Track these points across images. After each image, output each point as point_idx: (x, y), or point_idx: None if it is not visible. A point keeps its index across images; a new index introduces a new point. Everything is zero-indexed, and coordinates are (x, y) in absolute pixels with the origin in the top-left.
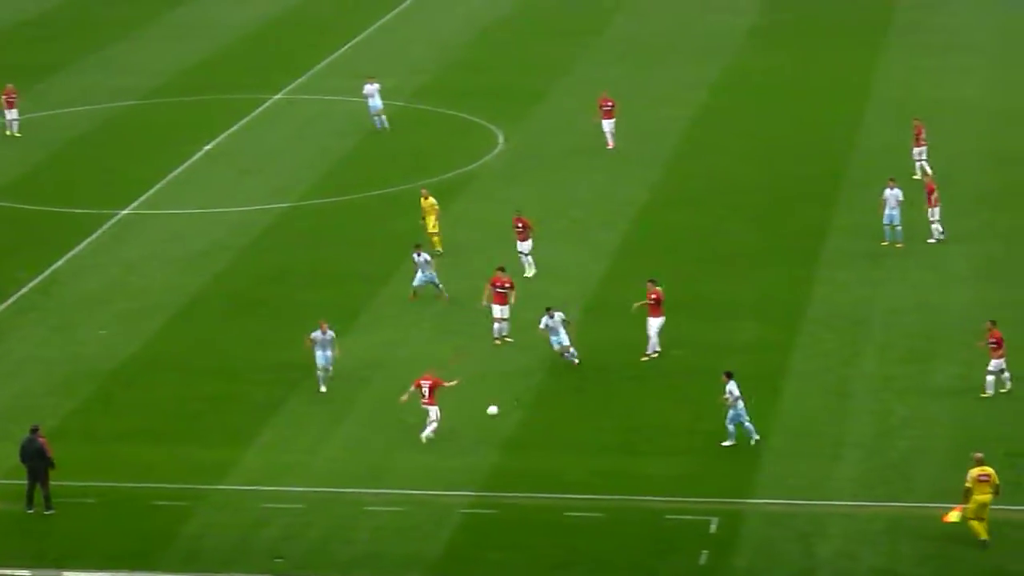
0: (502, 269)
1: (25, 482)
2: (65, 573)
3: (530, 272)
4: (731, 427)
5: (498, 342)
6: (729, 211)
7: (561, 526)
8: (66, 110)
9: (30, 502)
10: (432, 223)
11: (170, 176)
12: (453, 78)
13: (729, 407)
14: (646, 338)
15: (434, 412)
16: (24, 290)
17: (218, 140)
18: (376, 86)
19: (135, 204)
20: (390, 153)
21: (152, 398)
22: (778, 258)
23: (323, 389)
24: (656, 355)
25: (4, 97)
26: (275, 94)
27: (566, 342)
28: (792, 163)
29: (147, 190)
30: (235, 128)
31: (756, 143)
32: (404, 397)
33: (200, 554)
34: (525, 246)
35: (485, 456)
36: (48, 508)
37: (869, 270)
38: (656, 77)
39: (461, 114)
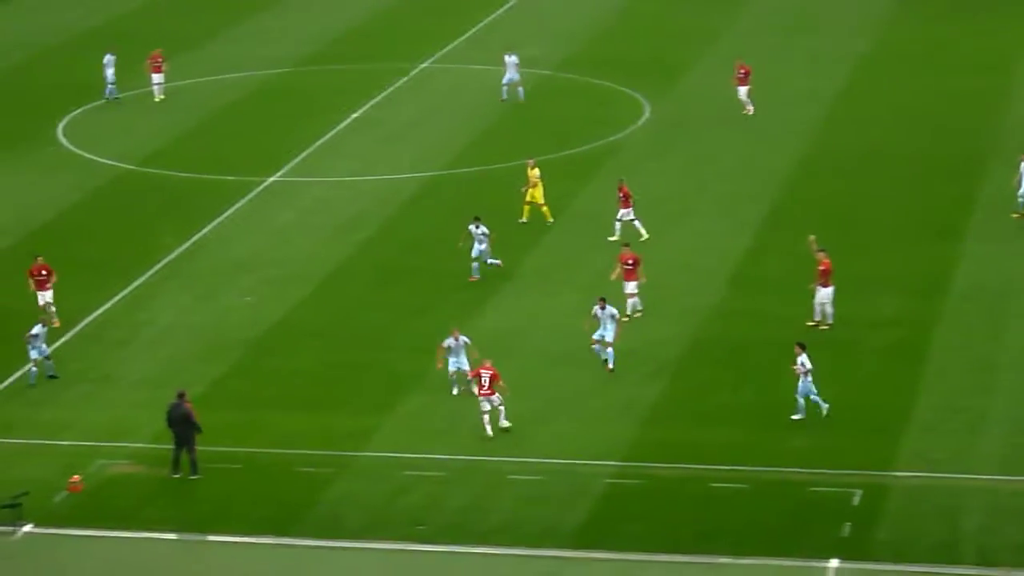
0: (627, 245)
1: (171, 447)
2: (209, 537)
3: (644, 236)
4: (800, 400)
5: (626, 319)
6: (874, 183)
7: (703, 497)
8: (215, 78)
9: (176, 467)
10: (537, 194)
11: (316, 144)
12: (599, 49)
13: (799, 379)
14: (811, 307)
15: (489, 403)
16: (171, 257)
17: (364, 109)
18: (515, 58)
19: (282, 172)
20: (535, 123)
21: (297, 366)
22: (923, 231)
23: (455, 392)
24: (828, 327)
25: (150, 61)
26: (421, 63)
27: (610, 338)
28: (939, 136)
29: (294, 158)
30: (381, 97)
31: (903, 115)
32: (455, 390)
33: (341, 521)
34: (627, 213)
35: (628, 426)
36: (194, 473)
37: (1015, 243)
38: (803, 48)
39: (607, 83)
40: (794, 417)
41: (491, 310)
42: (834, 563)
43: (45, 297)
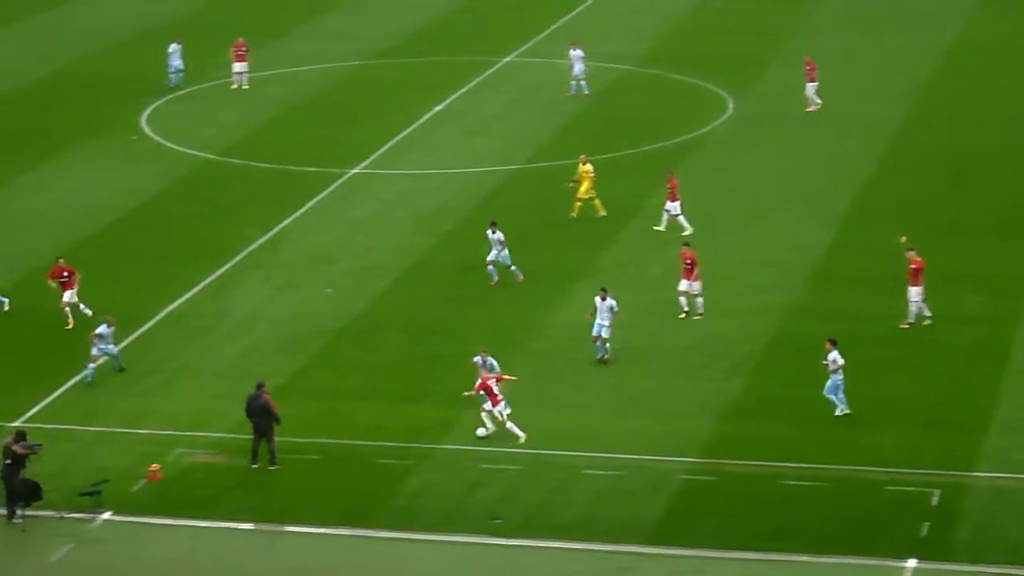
0: (687, 244)
1: (250, 437)
2: (287, 528)
3: (688, 230)
4: (831, 397)
5: (682, 316)
6: (956, 180)
7: (780, 495)
8: (298, 69)
9: (255, 457)
10: (587, 189)
11: (398, 137)
12: (682, 44)
13: (830, 375)
14: (905, 306)
15: (499, 410)
16: (252, 247)
17: (447, 102)
18: (580, 52)
19: (363, 164)
20: (616, 119)
21: (376, 358)
22: (1007, 228)
23: (482, 432)
24: (927, 322)
25: (234, 50)
26: (504, 57)
27: (606, 334)
28: (1022, 132)
29: (375, 150)
30: (463, 90)
31: (985, 112)
32: (468, 393)
33: (419, 513)
34: (674, 207)
35: (705, 422)
36: (273, 463)
37: None
38: (885, 44)
39: (690, 79)
40: (838, 413)
41: (567, 304)
42: (911, 563)
43: (70, 297)
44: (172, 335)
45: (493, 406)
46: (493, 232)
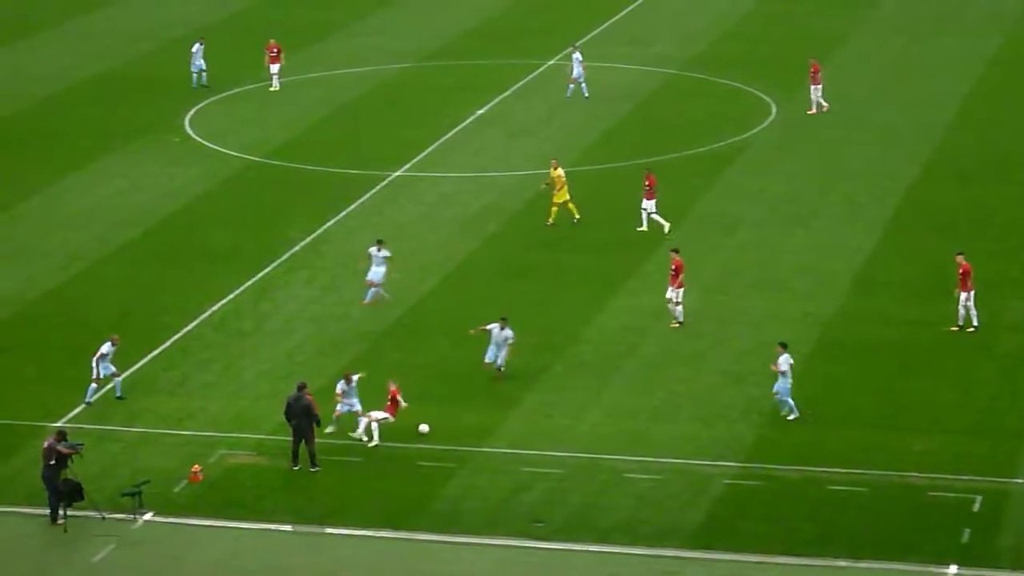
0: (676, 251)
1: (290, 439)
2: (327, 529)
3: (667, 227)
4: (787, 400)
5: (675, 325)
6: (1001, 187)
7: (822, 500)
8: (342, 71)
9: (295, 459)
10: (561, 193)
11: (442, 139)
12: (727, 47)
13: (780, 377)
14: (955, 311)
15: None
16: (295, 249)
17: (490, 105)
18: (580, 56)
19: (407, 166)
20: (660, 122)
21: (419, 360)
22: None
23: (328, 430)
24: (973, 329)
25: (267, 51)
26: (548, 60)
27: (500, 361)
28: None
29: (419, 153)
30: (508, 93)
31: None
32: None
33: (460, 516)
34: (650, 204)
35: (749, 427)
36: (314, 465)
37: None
38: (932, 50)
39: (735, 83)
40: (789, 417)
41: (613, 307)
42: (953, 569)
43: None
44: (215, 337)
45: (382, 414)
46: (379, 250)
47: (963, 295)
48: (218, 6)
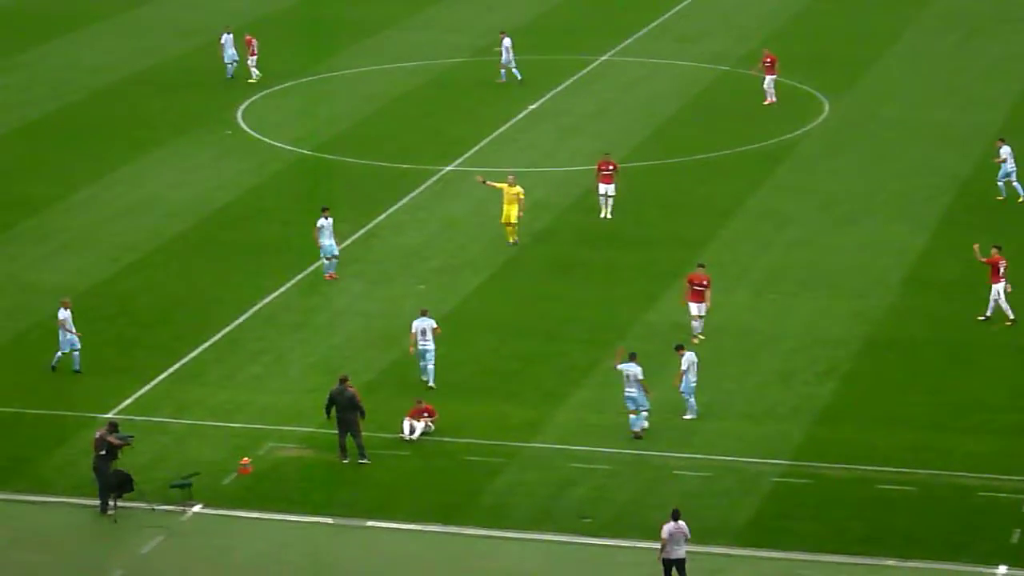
0: (702, 266)
1: (337, 432)
2: (375, 523)
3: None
4: (691, 399)
5: (696, 340)
6: None
7: (871, 499)
8: (394, 65)
9: (344, 452)
10: (512, 212)
11: (494, 135)
12: (780, 45)
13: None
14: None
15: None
16: (345, 243)
17: (542, 100)
18: (509, 41)
19: (458, 161)
20: (712, 118)
21: (467, 354)
22: None
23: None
24: (1011, 323)
25: (247, 44)
26: (601, 56)
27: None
28: None
29: (470, 148)
30: (560, 89)
31: None
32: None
33: (508, 511)
34: (610, 188)
35: (798, 425)
36: (362, 457)
37: None
38: (985, 48)
39: (788, 81)
40: (686, 416)
41: (663, 304)
42: (1002, 569)
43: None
44: (265, 330)
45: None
46: (326, 219)
47: (995, 287)
48: (272, 0)
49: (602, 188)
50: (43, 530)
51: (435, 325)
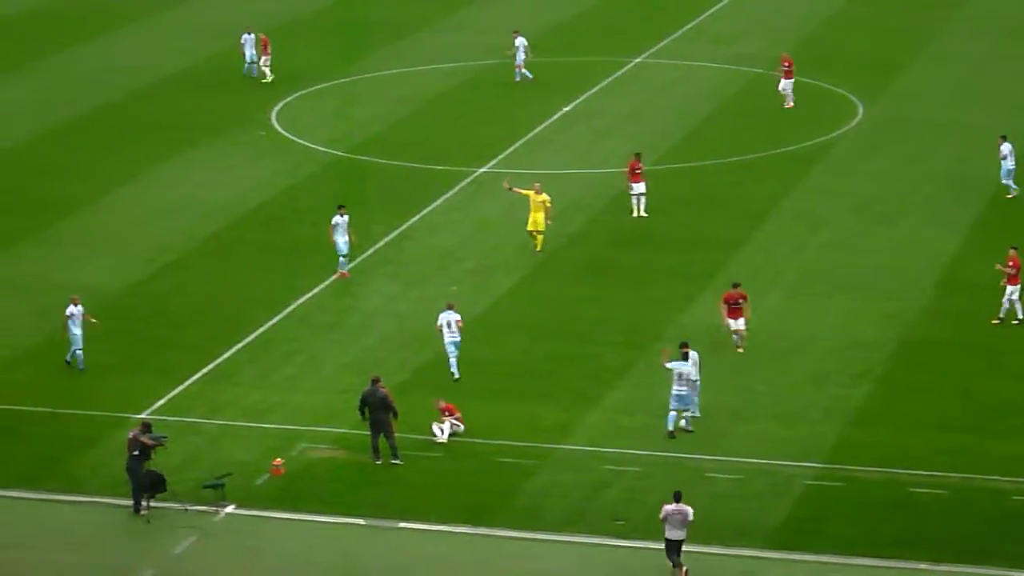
0: (736, 285)
1: (369, 433)
2: (407, 524)
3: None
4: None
5: (740, 350)
6: None
7: (904, 502)
8: (428, 67)
9: (376, 453)
10: (539, 219)
11: (528, 136)
12: (813, 47)
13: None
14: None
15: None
16: (379, 244)
17: (576, 102)
18: (523, 40)
19: (492, 163)
20: (747, 120)
21: (500, 356)
22: None
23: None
24: (1019, 322)
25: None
26: (635, 57)
27: (453, 367)
28: None
29: (504, 149)
30: (594, 90)
31: None
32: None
33: (540, 512)
34: (641, 187)
35: (831, 428)
36: (395, 458)
37: None
38: (1020, 51)
39: (822, 83)
40: (685, 414)
41: (697, 306)
42: None
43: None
44: (298, 330)
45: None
46: (341, 216)
47: (1009, 288)
48: (306, 1)
49: (634, 187)
50: (76, 530)
51: (459, 318)
